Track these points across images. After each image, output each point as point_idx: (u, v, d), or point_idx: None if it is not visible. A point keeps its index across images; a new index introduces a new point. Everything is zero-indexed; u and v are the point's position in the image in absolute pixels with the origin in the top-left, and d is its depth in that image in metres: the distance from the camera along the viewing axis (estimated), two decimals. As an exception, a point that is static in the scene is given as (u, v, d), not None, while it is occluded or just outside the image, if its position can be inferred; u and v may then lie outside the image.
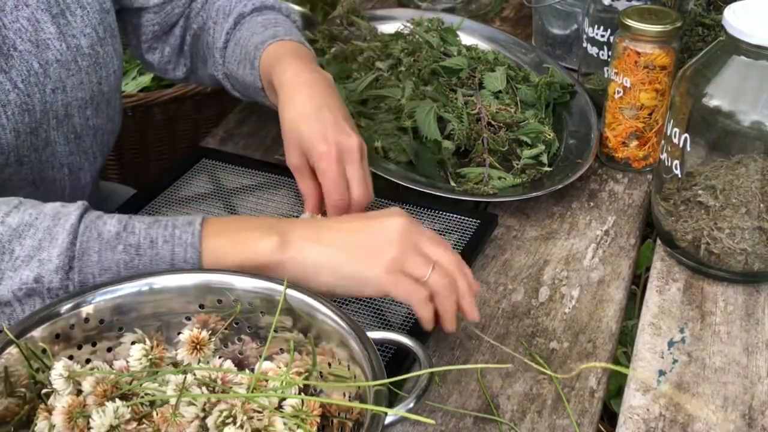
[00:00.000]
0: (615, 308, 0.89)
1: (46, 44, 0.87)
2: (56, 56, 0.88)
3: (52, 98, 0.88)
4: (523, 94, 1.16)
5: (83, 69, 0.91)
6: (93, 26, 0.91)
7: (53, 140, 0.91)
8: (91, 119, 0.95)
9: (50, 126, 0.89)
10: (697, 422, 0.77)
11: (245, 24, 1.01)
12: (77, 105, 0.92)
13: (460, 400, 0.78)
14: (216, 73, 1.04)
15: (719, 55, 0.87)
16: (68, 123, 0.92)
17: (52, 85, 0.88)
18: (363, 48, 1.25)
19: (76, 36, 0.90)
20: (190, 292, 0.70)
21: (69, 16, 0.89)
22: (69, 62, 0.89)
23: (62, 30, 0.88)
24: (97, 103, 0.95)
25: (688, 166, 0.91)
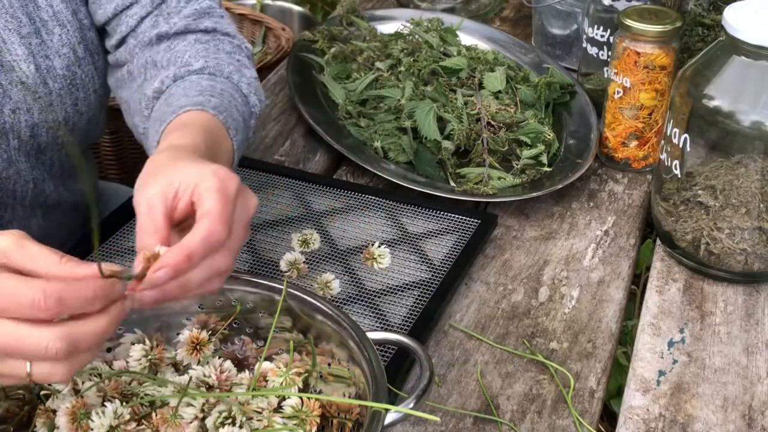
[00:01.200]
0: (615, 308, 0.89)
1: (11, 66, 0.83)
2: (20, 78, 0.83)
3: (12, 119, 0.84)
4: (523, 94, 1.16)
5: (54, 91, 0.86)
6: (71, 46, 0.87)
7: (15, 159, 0.87)
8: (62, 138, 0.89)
9: (11, 146, 0.86)
10: (697, 422, 0.77)
11: (186, 81, 0.85)
12: (46, 126, 0.87)
13: (460, 400, 0.78)
14: (139, 124, 0.89)
15: (719, 55, 0.87)
16: (33, 142, 0.87)
17: (12, 105, 0.83)
18: (363, 48, 1.25)
19: (49, 57, 0.85)
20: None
21: (45, 35, 0.85)
22: (37, 85, 0.84)
23: (33, 51, 0.84)
24: (73, 124, 0.90)
25: (688, 166, 0.91)
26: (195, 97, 0.81)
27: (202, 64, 0.87)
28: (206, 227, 0.59)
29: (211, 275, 0.61)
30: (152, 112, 0.85)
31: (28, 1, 0.84)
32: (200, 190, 0.62)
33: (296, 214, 0.97)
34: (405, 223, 0.96)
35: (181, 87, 0.84)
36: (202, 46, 0.90)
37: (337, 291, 0.84)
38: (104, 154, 1.64)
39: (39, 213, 0.94)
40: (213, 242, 0.59)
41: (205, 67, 0.87)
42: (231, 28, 0.95)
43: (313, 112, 1.12)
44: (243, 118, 0.85)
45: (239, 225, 0.63)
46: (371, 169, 1.02)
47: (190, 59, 0.87)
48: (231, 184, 0.63)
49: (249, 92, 0.89)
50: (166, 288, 0.58)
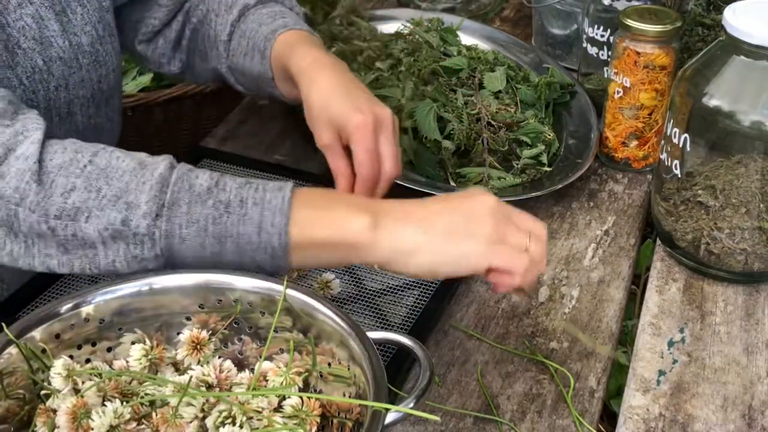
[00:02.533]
0: (615, 308, 0.89)
1: (50, 42, 0.87)
2: (59, 53, 0.87)
3: (55, 95, 0.88)
4: (523, 94, 1.16)
5: (84, 66, 0.90)
6: (93, 24, 0.91)
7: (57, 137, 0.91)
8: (93, 117, 0.94)
9: (53, 123, 0.89)
10: (697, 422, 0.77)
11: (250, 16, 0.99)
12: (79, 103, 0.91)
13: (460, 400, 0.78)
14: (219, 66, 1.01)
15: (719, 55, 0.87)
16: (71, 121, 0.92)
17: (55, 82, 0.88)
18: (363, 48, 1.25)
19: (77, 33, 0.89)
20: (190, 292, 0.70)
21: (70, 14, 0.89)
22: (71, 60, 0.89)
23: (65, 27, 0.88)
24: (98, 102, 0.94)
25: (688, 166, 0.91)
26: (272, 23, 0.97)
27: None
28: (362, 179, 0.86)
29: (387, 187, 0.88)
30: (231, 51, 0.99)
31: None
32: (352, 145, 0.85)
33: (296, 214, 0.96)
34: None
35: (251, 21, 0.98)
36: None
37: (337, 291, 0.84)
38: (104, 154, 1.63)
39: None
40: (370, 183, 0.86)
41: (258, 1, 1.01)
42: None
43: (313, 112, 1.12)
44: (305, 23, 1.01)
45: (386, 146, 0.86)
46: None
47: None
48: (368, 132, 0.85)
49: (292, 5, 1.05)
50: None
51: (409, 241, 0.70)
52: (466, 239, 0.70)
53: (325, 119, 0.87)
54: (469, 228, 0.71)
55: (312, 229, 0.70)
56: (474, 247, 0.70)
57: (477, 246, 0.70)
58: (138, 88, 1.64)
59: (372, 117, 0.85)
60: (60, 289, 0.84)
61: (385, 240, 0.70)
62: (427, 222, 0.71)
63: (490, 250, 0.70)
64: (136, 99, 1.56)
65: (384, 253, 0.70)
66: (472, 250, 0.70)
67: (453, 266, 0.71)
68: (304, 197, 0.72)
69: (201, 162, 1.06)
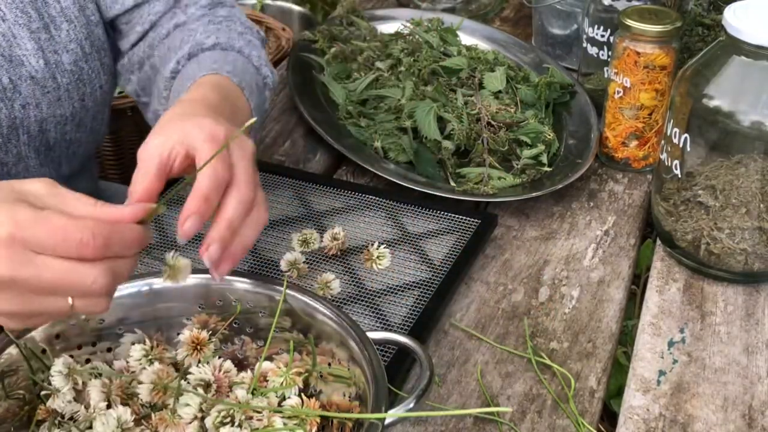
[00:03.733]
0: (615, 308, 0.89)
1: (20, 60, 0.84)
2: (30, 73, 0.85)
3: (22, 114, 0.85)
4: (523, 94, 1.16)
5: (63, 86, 0.88)
6: (79, 41, 0.88)
7: (25, 155, 0.88)
8: (69, 134, 0.91)
9: (20, 141, 0.87)
10: (697, 422, 0.77)
11: (200, 57, 0.89)
12: (54, 121, 0.89)
13: (460, 400, 0.78)
14: (159, 108, 0.92)
15: (719, 55, 0.87)
16: (42, 138, 0.89)
17: (21, 101, 0.85)
18: (363, 48, 1.25)
19: (57, 52, 0.87)
20: (190, 292, 0.70)
21: (53, 30, 0.86)
22: (45, 79, 0.86)
23: (42, 46, 0.85)
24: (80, 119, 0.91)
25: (688, 166, 0.91)
26: (209, 65, 0.85)
27: (213, 41, 0.90)
28: (209, 171, 0.64)
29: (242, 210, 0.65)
30: (171, 92, 0.89)
31: None
32: (194, 144, 0.66)
33: (296, 214, 0.97)
34: (405, 223, 0.96)
35: (194, 63, 0.88)
36: (214, 26, 0.94)
37: (337, 291, 0.84)
38: (104, 154, 1.64)
39: None
40: (219, 179, 0.64)
41: (217, 44, 0.90)
42: (243, 16, 1.00)
43: (313, 112, 1.12)
44: (257, 85, 0.89)
45: (241, 161, 0.66)
46: (371, 169, 1.02)
47: (202, 38, 0.91)
48: (219, 132, 0.67)
49: (260, 64, 0.92)
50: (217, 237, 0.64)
51: None
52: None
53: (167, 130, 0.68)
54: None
55: None
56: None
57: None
58: (138, 88, 1.64)
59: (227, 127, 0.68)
60: (60, 289, 0.84)
61: None
62: None
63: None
64: (136, 99, 1.56)
65: None
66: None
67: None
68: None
69: (201, 162, 1.06)
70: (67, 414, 0.64)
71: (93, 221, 0.56)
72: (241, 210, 0.65)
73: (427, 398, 0.64)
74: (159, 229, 0.93)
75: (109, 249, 0.56)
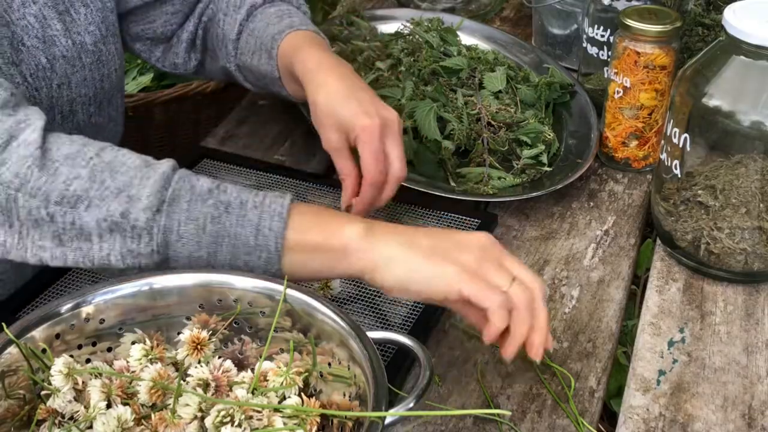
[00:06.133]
0: (615, 308, 0.89)
1: (53, 40, 0.88)
2: (62, 52, 0.88)
3: (57, 93, 0.89)
4: (523, 94, 1.16)
5: (87, 66, 0.91)
6: (96, 24, 0.92)
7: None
8: (93, 116, 0.95)
9: (56, 122, 0.90)
10: (697, 422, 0.77)
11: (258, 15, 1.01)
12: (81, 101, 0.92)
13: (460, 400, 0.78)
14: (228, 65, 1.03)
15: (719, 55, 0.87)
16: (72, 119, 0.92)
17: (58, 80, 0.89)
18: (363, 48, 1.25)
19: (80, 33, 0.90)
20: (190, 292, 0.70)
21: (74, 13, 0.90)
22: (74, 58, 0.90)
23: (68, 27, 0.89)
24: (100, 101, 0.95)
25: (688, 166, 0.91)
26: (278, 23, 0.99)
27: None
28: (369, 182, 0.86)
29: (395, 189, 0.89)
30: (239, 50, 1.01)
31: None
32: (359, 146, 0.87)
33: (296, 214, 0.96)
34: (405, 222, 0.96)
35: (258, 20, 1.00)
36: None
37: (337, 291, 0.84)
38: (104, 154, 1.64)
39: None
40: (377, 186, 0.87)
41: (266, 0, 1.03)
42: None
43: (313, 112, 1.12)
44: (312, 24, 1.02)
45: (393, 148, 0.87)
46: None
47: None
48: (375, 134, 0.86)
49: (299, 4, 1.06)
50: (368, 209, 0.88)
51: (390, 251, 0.70)
52: (443, 262, 0.70)
53: (333, 122, 0.89)
54: (451, 254, 0.70)
55: (307, 234, 0.72)
56: (449, 271, 0.69)
57: (452, 270, 0.69)
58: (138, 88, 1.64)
59: (379, 120, 0.86)
60: (60, 289, 0.84)
61: (371, 247, 0.71)
62: (413, 238, 0.71)
63: (464, 277, 0.69)
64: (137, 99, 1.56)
65: (367, 261, 0.71)
66: (446, 272, 0.69)
67: (424, 285, 0.70)
68: (302, 207, 0.74)
69: (201, 162, 1.06)
70: (67, 414, 0.64)
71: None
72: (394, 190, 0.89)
73: (427, 398, 0.64)
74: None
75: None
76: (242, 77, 1.05)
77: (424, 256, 0.70)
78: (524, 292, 0.70)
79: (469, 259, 0.70)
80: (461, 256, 0.70)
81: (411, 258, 0.70)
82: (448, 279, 0.69)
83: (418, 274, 0.70)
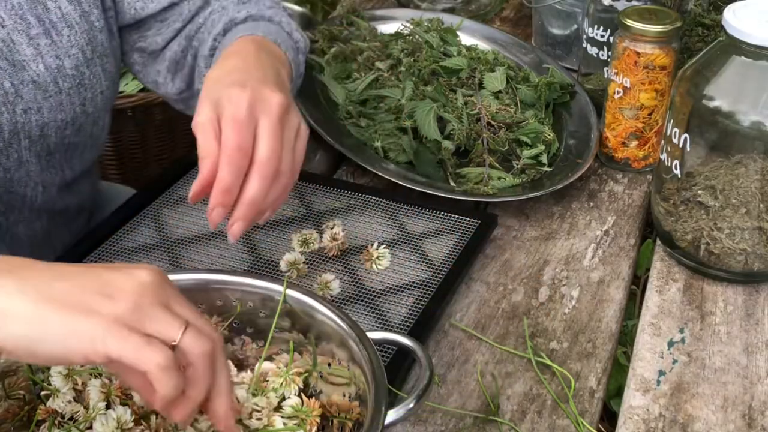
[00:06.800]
0: (615, 308, 0.89)
1: (22, 65, 0.84)
2: (32, 77, 0.84)
3: (23, 119, 0.85)
4: (523, 94, 1.16)
5: (64, 90, 0.87)
6: (80, 46, 0.88)
7: (26, 160, 0.88)
8: (69, 138, 0.91)
9: (22, 146, 0.86)
10: (697, 422, 0.77)
11: (233, 30, 0.92)
12: (55, 126, 0.88)
13: (460, 400, 0.78)
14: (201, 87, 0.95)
15: (719, 55, 0.87)
16: (43, 143, 0.88)
17: (23, 105, 0.84)
18: (363, 48, 1.25)
19: (59, 56, 0.86)
20: (190, 292, 0.70)
21: (54, 35, 0.86)
22: (47, 83, 0.85)
23: (41, 51, 0.85)
24: (80, 124, 0.91)
25: (688, 166, 0.91)
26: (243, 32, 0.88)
27: (245, 14, 0.94)
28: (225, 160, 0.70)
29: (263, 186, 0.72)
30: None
31: (37, 4, 0.85)
32: (221, 120, 0.73)
33: (296, 214, 0.97)
34: (405, 223, 0.96)
35: (230, 36, 0.91)
36: (243, 5, 0.97)
37: (337, 291, 0.84)
38: (104, 154, 1.64)
39: (45, 217, 0.94)
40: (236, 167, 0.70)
41: (249, 16, 0.94)
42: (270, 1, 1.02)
43: (313, 112, 1.12)
44: (291, 46, 0.92)
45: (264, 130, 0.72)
46: (371, 169, 1.02)
47: (233, 13, 0.94)
48: (242, 104, 0.72)
49: (291, 30, 0.95)
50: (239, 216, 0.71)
51: (5, 302, 0.53)
52: (83, 314, 0.53)
53: (209, 96, 0.75)
54: (95, 301, 0.54)
55: None
56: (89, 325, 0.53)
57: (95, 326, 0.53)
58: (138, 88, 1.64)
59: (251, 92, 0.73)
60: (60, 289, 0.84)
61: None
62: (41, 283, 0.55)
63: (111, 332, 0.53)
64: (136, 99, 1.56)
65: None
66: (86, 327, 0.53)
67: (56, 346, 0.53)
68: None
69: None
70: (67, 414, 0.64)
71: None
72: (264, 186, 0.71)
73: (427, 398, 0.64)
74: (159, 229, 0.93)
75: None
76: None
77: (56, 307, 0.53)
78: (201, 342, 0.55)
79: (121, 306, 0.54)
80: (109, 304, 0.54)
81: (36, 310, 0.53)
82: (89, 336, 0.53)
83: (46, 333, 0.53)
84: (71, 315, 0.53)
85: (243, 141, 0.70)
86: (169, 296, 0.57)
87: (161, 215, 0.95)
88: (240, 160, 0.70)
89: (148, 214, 0.95)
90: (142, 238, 0.92)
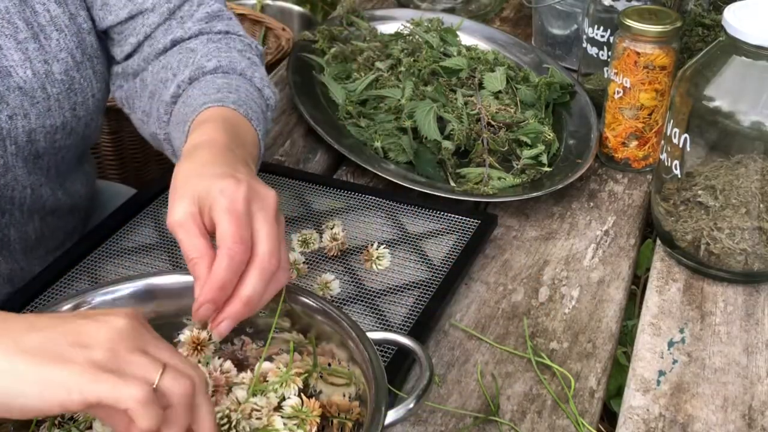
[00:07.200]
0: (615, 308, 0.89)
1: (8, 71, 0.83)
2: (18, 83, 0.83)
3: (9, 125, 0.83)
4: (523, 94, 1.16)
5: (53, 96, 0.85)
6: (69, 50, 0.86)
7: (12, 165, 0.86)
8: (59, 142, 0.89)
9: (8, 152, 0.85)
10: (697, 422, 0.77)
11: (202, 81, 0.86)
12: (44, 131, 0.86)
13: (460, 400, 0.78)
14: (158, 132, 0.90)
15: (719, 56, 0.87)
16: (31, 148, 0.87)
17: (8, 111, 0.83)
18: (363, 48, 1.25)
19: (48, 61, 0.84)
20: (190, 292, 0.70)
21: (43, 39, 0.84)
22: (34, 90, 0.84)
23: (30, 56, 0.83)
24: (71, 128, 0.89)
25: (688, 166, 0.91)
26: (213, 94, 0.82)
27: (215, 64, 0.88)
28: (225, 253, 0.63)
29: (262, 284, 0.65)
30: (172, 117, 0.87)
31: (25, 7, 0.84)
32: (214, 213, 0.65)
33: (296, 214, 0.97)
34: (405, 223, 0.96)
35: (197, 88, 0.85)
36: (214, 45, 0.91)
37: (337, 291, 0.84)
38: (104, 154, 1.64)
39: (37, 218, 0.94)
40: (237, 262, 0.64)
41: (219, 67, 0.88)
42: (240, 29, 0.96)
43: (313, 112, 1.12)
44: (261, 110, 0.87)
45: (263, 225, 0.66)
46: (371, 169, 1.02)
47: (203, 60, 0.88)
48: (238, 198, 0.66)
49: (262, 86, 0.90)
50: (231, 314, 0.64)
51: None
52: (58, 364, 0.53)
53: (186, 191, 0.68)
54: (70, 350, 0.53)
55: None
56: (66, 376, 0.52)
57: (71, 374, 0.52)
58: (138, 88, 1.64)
59: (247, 186, 0.67)
60: (60, 289, 0.84)
61: None
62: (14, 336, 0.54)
63: (87, 376, 0.52)
64: (136, 99, 1.55)
65: None
66: (61, 376, 0.52)
67: (33, 398, 0.52)
68: None
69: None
70: (67, 414, 0.64)
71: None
72: (262, 285, 0.65)
73: (427, 398, 0.64)
74: (159, 229, 0.93)
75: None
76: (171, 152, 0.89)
77: (29, 359, 0.53)
78: (180, 383, 0.55)
79: (96, 354, 0.53)
80: (83, 352, 0.53)
81: (9, 364, 0.53)
82: (65, 384, 0.52)
83: (22, 385, 0.52)
84: (45, 366, 0.53)
85: (244, 234, 0.64)
86: (146, 341, 0.56)
87: (161, 215, 0.95)
88: (242, 255, 0.64)
89: (148, 214, 0.95)
90: (142, 238, 0.92)
